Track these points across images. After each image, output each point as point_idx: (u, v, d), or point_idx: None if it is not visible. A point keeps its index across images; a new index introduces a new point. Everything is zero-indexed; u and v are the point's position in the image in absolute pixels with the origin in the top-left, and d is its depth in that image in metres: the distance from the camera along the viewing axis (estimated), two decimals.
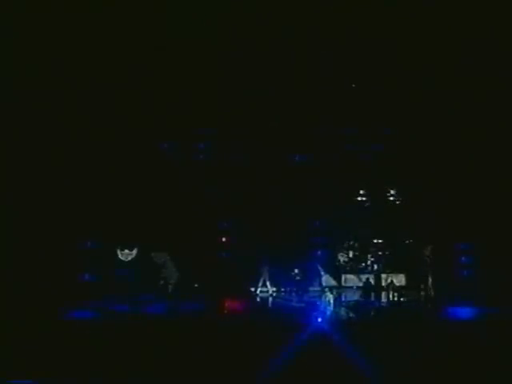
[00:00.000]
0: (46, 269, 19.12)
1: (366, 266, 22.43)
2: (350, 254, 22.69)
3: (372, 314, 19.62)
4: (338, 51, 20.41)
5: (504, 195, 19.79)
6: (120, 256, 21.29)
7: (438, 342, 16.05)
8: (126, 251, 21.30)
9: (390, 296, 20.72)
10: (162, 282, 21.16)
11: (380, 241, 22.49)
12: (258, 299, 21.30)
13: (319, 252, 22.33)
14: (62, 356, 15.74)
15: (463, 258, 20.97)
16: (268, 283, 21.79)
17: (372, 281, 21.38)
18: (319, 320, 18.09)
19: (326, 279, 22.30)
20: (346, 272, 22.40)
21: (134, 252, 21.36)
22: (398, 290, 20.68)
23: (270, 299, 21.30)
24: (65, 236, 20.02)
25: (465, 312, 19.06)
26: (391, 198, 22.54)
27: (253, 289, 21.59)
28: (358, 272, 22.16)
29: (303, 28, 19.81)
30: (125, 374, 15.52)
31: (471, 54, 19.66)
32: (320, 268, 22.38)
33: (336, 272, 22.41)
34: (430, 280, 20.61)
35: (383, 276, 21.56)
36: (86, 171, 20.57)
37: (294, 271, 21.83)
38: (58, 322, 17.46)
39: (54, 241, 19.68)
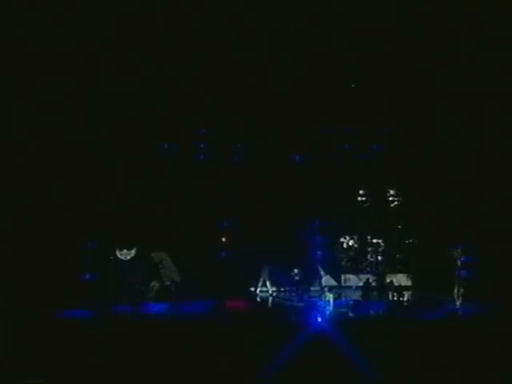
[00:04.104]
0: (46, 269, 19.11)
1: (366, 265, 22.48)
2: (350, 254, 22.76)
3: (371, 313, 19.59)
4: (339, 51, 20.41)
5: (504, 194, 19.80)
6: (119, 255, 21.34)
7: (438, 341, 16.06)
8: (125, 251, 21.34)
9: (390, 296, 20.72)
10: (161, 282, 21.25)
11: (380, 241, 22.55)
12: (258, 299, 21.31)
13: (319, 252, 22.38)
14: (60, 355, 15.73)
15: (463, 258, 20.96)
16: (268, 283, 21.79)
17: (372, 281, 21.40)
18: (319, 320, 18.08)
19: (326, 279, 22.35)
20: (346, 272, 22.46)
21: (133, 251, 21.40)
22: (398, 289, 20.68)
23: (270, 299, 21.30)
24: (65, 236, 20.01)
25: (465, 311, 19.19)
26: (391, 198, 22.58)
27: (253, 289, 21.60)
28: (357, 272, 22.22)
29: (304, 28, 19.80)
30: (125, 374, 15.49)
31: (471, 54, 19.64)
32: (320, 268, 22.42)
33: (336, 272, 22.46)
34: (429, 280, 20.63)
35: (383, 276, 21.60)
36: (86, 171, 20.57)
37: (293, 271, 21.87)
38: (57, 321, 17.45)
39: (54, 241, 19.66)
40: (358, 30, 19.84)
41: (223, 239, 22.32)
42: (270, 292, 21.59)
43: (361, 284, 21.45)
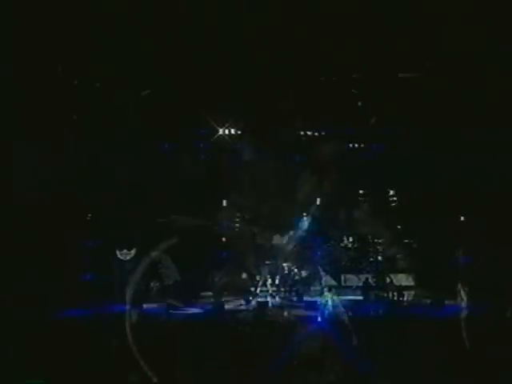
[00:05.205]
0: (45, 268, 19.09)
1: (366, 265, 22.47)
2: (350, 254, 22.76)
3: (371, 313, 19.59)
4: (339, 51, 20.41)
5: (505, 194, 19.80)
6: (119, 255, 21.33)
7: (438, 340, 16.04)
8: (125, 251, 21.34)
9: (390, 296, 20.72)
10: (161, 282, 21.23)
11: (380, 241, 22.55)
12: (258, 299, 21.30)
13: (319, 252, 22.38)
14: (60, 355, 15.70)
15: (464, 258, 20.97)
16: (268, 283, 21.79)
17: (372, 281, 21.41)
18: (319, 319, 18.09)
19: (326, 279, 22.35)
20: (346, 272, 22.46)
21: (133, 251, 21.39)
22: (398, 289, 20.69)
23: (270, 299, 21.29)
24: (65, 236, 20.01)
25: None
26: (391, 198, 22.60)
27: (253, 289, 21.61)
28: (357, 272, 22.22)
29: (303, 27, 19.79)
30: (125, 374, 15.47)
31: (471, 54, 19.64)
32: (320, 268, 22.41)
33: (336, 272, 22.46)
34: (430, 279, 20.64)
35: (383, 276, 21.59)
36: (85, 171, 20.57)
37: (293, 271, 21.88)
38: (57, 321, 17.44)
39: (54, 240, 19.65)
40: (358, 29, 19.82)
41: (223, 239, 22.36)
42: (270, 292, 21.60)
43: (361, 284, 21.47)
